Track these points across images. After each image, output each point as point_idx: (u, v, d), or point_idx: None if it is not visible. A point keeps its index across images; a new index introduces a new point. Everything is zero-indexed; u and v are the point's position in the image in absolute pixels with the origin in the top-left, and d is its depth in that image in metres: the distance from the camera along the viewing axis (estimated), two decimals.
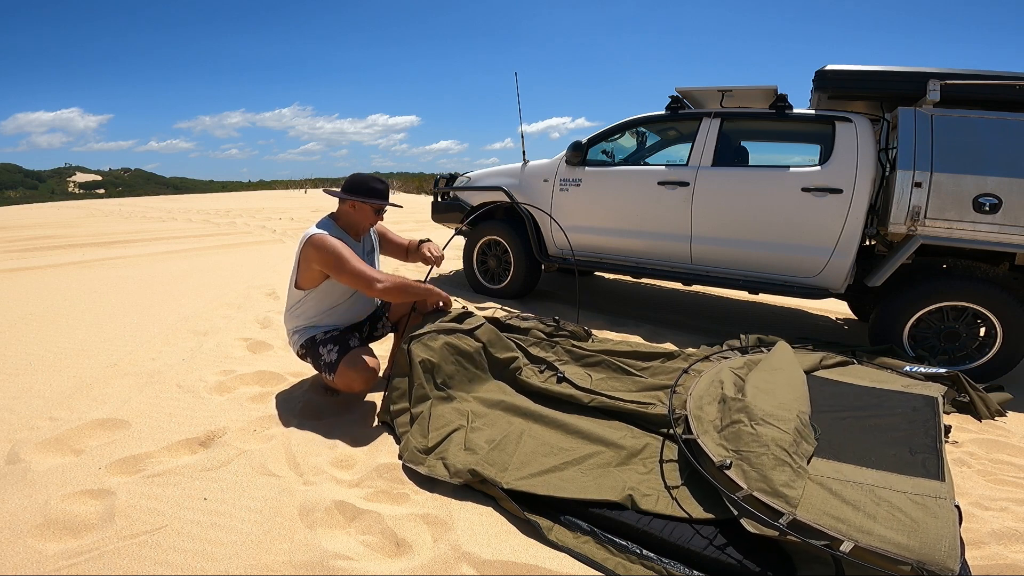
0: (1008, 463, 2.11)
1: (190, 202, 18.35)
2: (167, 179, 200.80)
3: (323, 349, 2.26)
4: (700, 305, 4.67)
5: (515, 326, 2.87)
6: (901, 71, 3.07)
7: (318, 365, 2.29)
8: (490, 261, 4.54)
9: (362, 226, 2.35)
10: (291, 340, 2.40)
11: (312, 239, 2.16)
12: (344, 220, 2.33)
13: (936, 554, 1.29)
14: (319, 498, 1.67)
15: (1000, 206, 2.77)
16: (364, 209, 2.30)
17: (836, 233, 3.19)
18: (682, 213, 3.61)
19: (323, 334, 2.31)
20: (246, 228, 9.48)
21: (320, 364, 2.27)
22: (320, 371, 2.30)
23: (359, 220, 2.32)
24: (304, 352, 2.35)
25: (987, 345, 2.94)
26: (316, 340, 2.30)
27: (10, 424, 2.10)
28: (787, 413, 1.84)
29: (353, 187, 2.27)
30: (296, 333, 2.36)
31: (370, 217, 2.33)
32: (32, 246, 6.91)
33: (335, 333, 2.32)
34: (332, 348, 2.25)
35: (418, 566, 1.44)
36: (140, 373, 2.63)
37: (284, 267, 5.63)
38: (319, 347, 2.27)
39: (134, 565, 1.40)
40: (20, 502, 1.62)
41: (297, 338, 2.36)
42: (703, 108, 3.86)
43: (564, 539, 1.55)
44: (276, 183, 42.49)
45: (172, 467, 1.83)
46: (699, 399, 2.10)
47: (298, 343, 2.35)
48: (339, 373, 2.21)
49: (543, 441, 1.97)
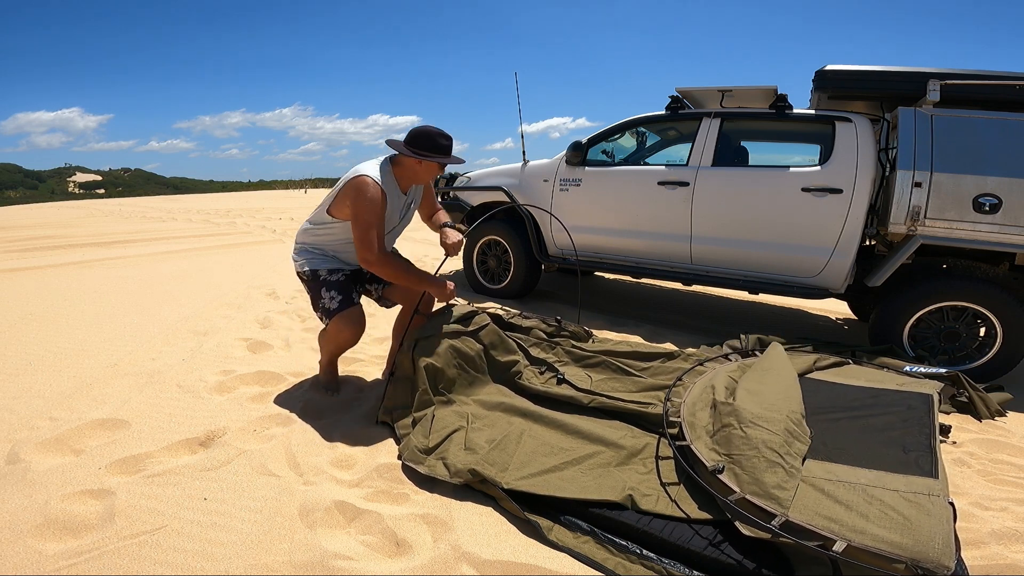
0: (1008, 463, 2.11)
1: (190, 202, 18.36)
2: (167, 179, 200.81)
3: (325, 292, 2.27)
4: (700, 305, 4.67)
5: (517, 325, 2.86)
6: (901, 71, 3.07)
7: (316, 302, 2.30)
8: (490, 261, 4.54)
9: (421, 180, 2.29)
10: (296, 253, 2.38)
11: (356, 181, 2.10)
12: (402, 170, 2.23)
13: (930, 551, 1.29)
14: (319, 498, 1.67)
15: (1000, 206, 2.77)
16: (431, 166, 2.20)
17: (836, 233, 3.19)
18: (682, 213, 3.61)
19: (328, 272, 2.29)
20: (246, 228, 9.49)
21: (319, 303, 2.29)
22: (315, 307, 2.32)
23: (421, 174, 2.24)
24: (305, 278, 2.33)
25: (987, 345, 2.94)
26: (320, 276, 2.29)
27: (10, 424, 2.10)
28: (776, 414, 1.84)
29: (421, 143, 2.16)
30: (305, 251, 2.35)
31: (434, 172, 2.25)
32: (32, 246, 6.91)
33: (340, 278, 2.31)
34: (335, 296, 2.26)
35: (418, 566, 1.45)
36: (140, 373, 2.63)
37: (284, 267, 5.63)
38: (322, 287, 2.27)
39: (134, 565, 1.40)
40: (20, 502, 1.62)
41: (304, 258, 2.34)
42: (703, 108, 3.85)
43: (564, 539, 1.55)
44: (276, 183, 42.46)
45: (172, 467, 1.83)
46: (692, 405, 2.10)
47: (303, 265, 2.33)
48: (335, 321, 2.25)
49: (543, 441, 1.97)
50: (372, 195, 2.08)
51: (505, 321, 2.83)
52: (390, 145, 2.24)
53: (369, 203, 2.07)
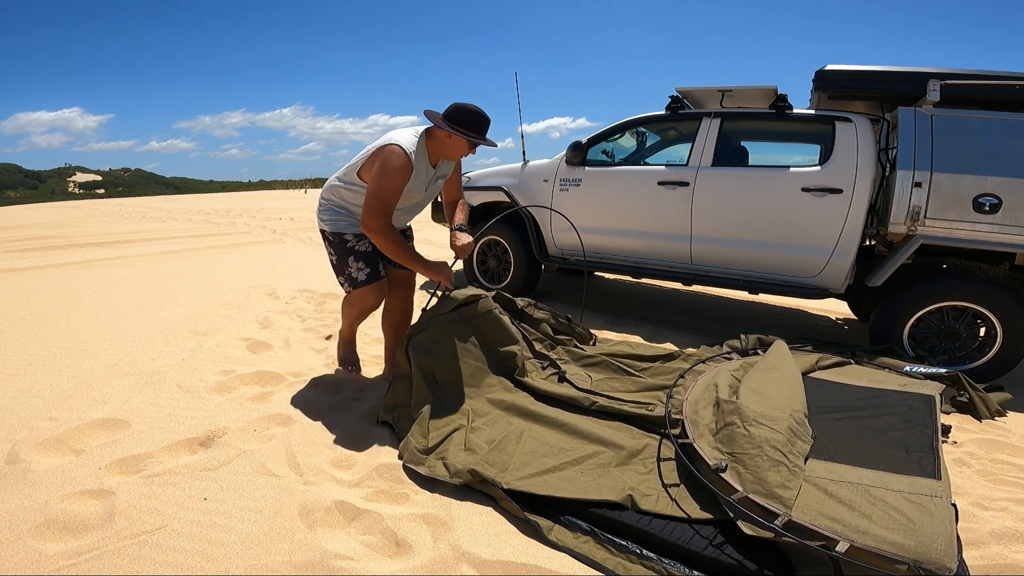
0: (1008, 463, 2.11)
1: (190, 202, 18.36)
2: (167, 179, 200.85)
3: (353, 262, 2.31)
4: (700, 305, 4.67)
5: (528, 315, 2.85)
6: (901, 71, 3.07)
7: (342, 268, 2.34)
8: (490, 261, 4.54)
9: (451, 155, 2.28)
10: (322, 210, 2.37)
11: (386, 149, 2.10)
12: (434, 143, 2.23)
13: (932, 552, 1.29)
14: (319, 498, 1.67)
15: (1000, 206, 2.77)
16: (460, 142, 2.19)
17: (836, 233, 3.19)
18: (682, 213, 3.61)
19: (355, 239, 2.31)
20: (246, 228, 9.49)
21: (345, 270, 2.33)
22: (338, 271, 2.37)
23: (451, 149, 2.23)
24: (331, 239, 2.33)
25: (987, 345, 2.93)
26: (347, 242, 2.31)
27: (10, 424, 2.10)
28: (779, 413, 1.84)
29: (457, 117, 2.16)
30: (331, 210, 2.34)
31: (464, 149, 2.24)
32: (32, 246, 6.91)
33: (368, 248, 2.33)
34: (363, 268, 2.32)
35: (418, 566, 1.45)
36: (140, 373, 2.63)
37: (284, 267, 5.63)
38: (350, 255, 2.31)
39: (134, 565, 1.40)
40: (20, 502, 1.62)
41: (329, 216, 2.33)
42: (703, 108, 3.85)
43: (564, 539, 1.55)
44: (276, 183, 42.50)
45: (172, 467, 1.83)
46: (695, 403, 2.10)
47: (329, 224, 2.33)
48: (362, 291, 2.34)
49: (543, 441, 1.97)
50: (398, 165, 2.06)
51: (517, 308, 2.82)
52: (426, 115, 2.23)
53: (392, 172, 2.06)
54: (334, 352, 3.00)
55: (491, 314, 2.49)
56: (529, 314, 2.86)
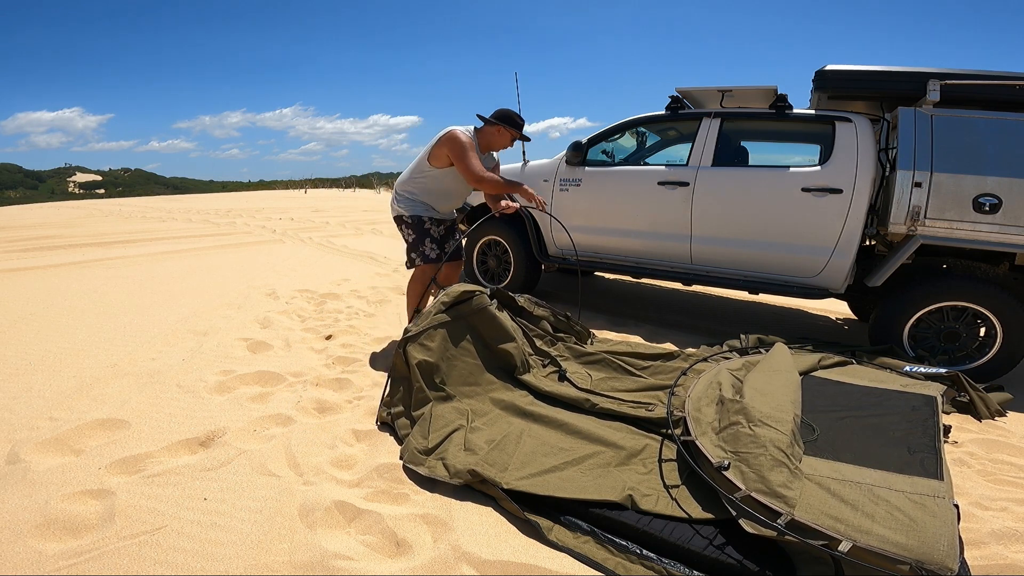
0: (1008, 463, 2.11)
1: (190, 202, 18.36)
2: (167, 179, 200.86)
3: (429, 242, 2.97)
4: (700, 305, 4.67)
5: (528, 312, 2.86)
6: (901, 71, 3.07)
7: (417, 246, 2.96)
8: (490, 261, 4.54)
9: (496, 146, 3.00)
10: (398, 201, 2.99)
11: (449, 133, 2.78)
12: (484, 138, 2.93)
13: (935, 553, 1.29)
14: (319, 498, 1.67)
15: (1000, 206, 2.77)
16: (505, 135, 2.92)
17: (836, 233, 3.18)
18: (682, 213, 3.61)
19: (431, 223, 2.97)
20: (246, 228, 9.48)
21: (419, 248, 2.96)
22: (412, 248, 2.97)
23: (498, 141, 2.95)
24: (409, 223, 2.95)
25: (987, 345, 2.93)
26: (424, 225, 2.96)
27: (10, 424, 2.10)
28: (784, 415, 1.84)
29: (502, 117, 2.90)
30: (406, 200, 2.96)
31: (506, 142, 2.96)
32: (32, 246, 6.91)
33: (441, 234, 3.04)
34: (435, 248, 2.98)
35: (418, 566, 1.45)
36: (140, 373, 2.63)
37: (284, 267, 5.63)
38: (426, 236, 2.96)
39: (134, 565, 1.40)
40: (20, 502, 1.62)
41: (406, 205, 2.96)
42: (703, 108, 3.85)
43: (564, 539, 1.55)
44: (276, 183, 42.51)
45: (172, 467, 1.83)
46: (697, 401, 2.10)
47: (406, 209, 2.95)
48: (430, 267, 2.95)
49: (543, 441, 1.97)
50: (464, 138, 2.76)
51: (517, 306, 2.82)
52: (479, 117, 2.97)
53: (466, 143, 2.75)
54: (334, 352, 3.01)
55: (487, 311, 2.49)
56: (529, 311, 2.87)
